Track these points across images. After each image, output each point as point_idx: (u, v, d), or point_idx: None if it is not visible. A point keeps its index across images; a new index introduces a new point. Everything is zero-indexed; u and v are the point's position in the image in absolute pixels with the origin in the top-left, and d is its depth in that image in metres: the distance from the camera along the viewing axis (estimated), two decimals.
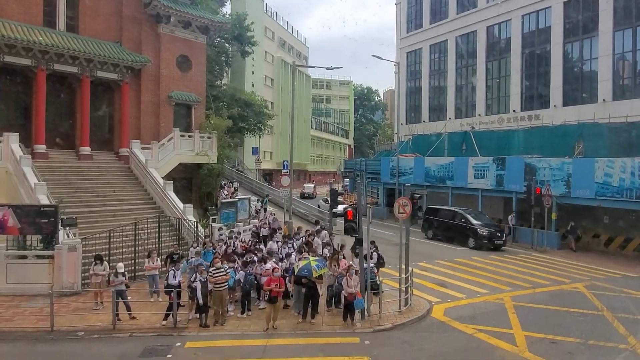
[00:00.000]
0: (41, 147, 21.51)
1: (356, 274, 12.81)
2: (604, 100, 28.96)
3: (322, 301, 13.46)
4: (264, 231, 20.60)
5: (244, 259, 14.18)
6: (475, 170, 29.58)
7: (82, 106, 23.40)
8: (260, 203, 28.23)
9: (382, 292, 13.40)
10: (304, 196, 47.56)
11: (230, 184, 36.24)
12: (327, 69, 33.71)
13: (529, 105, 34.81)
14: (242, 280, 13.26)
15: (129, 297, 13.09)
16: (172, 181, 22.48)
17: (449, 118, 41.25)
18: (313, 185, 60.65)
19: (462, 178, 30.39)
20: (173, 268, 13.02)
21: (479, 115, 38.44)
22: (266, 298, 12.59)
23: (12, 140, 19.38)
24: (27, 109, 22.33)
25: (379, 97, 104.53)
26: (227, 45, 43.34)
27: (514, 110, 35.28)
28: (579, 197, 23.53)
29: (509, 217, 27.38)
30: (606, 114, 27.38)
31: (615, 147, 24.45)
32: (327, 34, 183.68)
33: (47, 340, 11.38)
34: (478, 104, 38.87)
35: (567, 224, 24.76)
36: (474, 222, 25.22)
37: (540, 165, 25.50)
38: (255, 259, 14.08)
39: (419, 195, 15.68)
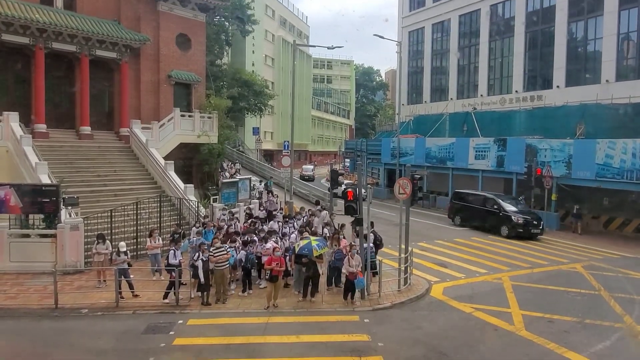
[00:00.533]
0: (41, 127, 21.46)
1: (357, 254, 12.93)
2: (607, 81, 28.72)
3: (322, 280, 13.63)
4: (260, 214, 20.58)
5: (245, 238, 14.29)
6: (476, 151, 29.56)
7: (82, 85, 23.24)
8: (262, 185, 28.10)
9: (381, 271, 13.54)
10: (303, 178, 46.71)
11: (232, 164, 36.26)
12: (328, 48, 33.49)
13: (531, 86, 34.57)
14: (243, 260, 13.39)
15: (131, 276, 13.27)
16: (173, 161, 22.49)
17: (451, 99, 40.99)
18: (313, 166, 58.43)
19: (463, 159, 30.39)
20: (174, 247, 13.13)
21: (481, 95, 38.20)
22: (267, 277, 12.74)
23: (12, 120, 19.32)
24: (26, 89, 22.18)
25: (381, 77, 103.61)
26: (227, 24, 42.85)
27: (516, 91, 35.04)
28: (580, 179, 23.57)
29: (519, 199, 26.19)
30: (609, 95, 27.22)
31: (617, 128, 24.35)
32: (328, 13, 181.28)
33: (52, 317, 11.57)
34: (480, 84, 38.59)
35: (572, 208, 24.68)
36: (508, 208, 23.00)
37: (542, 146, 25.46)
38: (256, 238, 14.19)
39: (419, 176, 15.66)
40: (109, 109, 25.56)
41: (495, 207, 23.47)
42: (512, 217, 22.39)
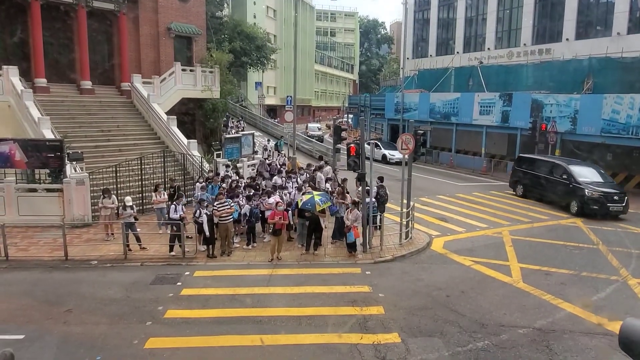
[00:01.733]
0: (42, 81, 21.25)
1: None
2: (618, 33, 27.95)
3: (326, 234, 13.89)
4: (266, 174, 20.22)
5: (248, 193, 14.45)
6: (481, 107, 29.23)
7: (80, 38, 22.79)
8: (274, 144, 27.34)
9: (383, 225, 13.76)
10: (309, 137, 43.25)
11: (239, 122, 35.99)
12: None
13: (540, 39, 33.69)
14: (247, 214, 13.60)
15: (138, 229, 13.55)
16: (175, 117, 22.38)
17: (457, 52, 40.10)
18: (318, 124, 52.20)
19: (467, 114, 30.10)
20: (174, 203, 13.26)
21: (488, 49, 37.33)
22: (270, 231, 12.99)
23: (12, 74, 19.08)
24: (24, 42, 21.77)
25: (386, 30, 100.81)
26: None
27: (525, 44, 34.19)
28: (584, 134, 23.40)
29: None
30: (619, 49, 26.53)
31: (625, 83, 23.94)
32: None
33: (63, 269, 11.93)
34: (488, 37, 37.63)
35: None
36: (581, 179, 18.51)
37: (548, 101, 25.12)
38: (259, 193, 14.36)
39: (422, 132, 15.59)
40: (109, 64, 25.17)
41: (564, 176, 19.15)
42: (586, 190, 17.97)
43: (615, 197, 17.94)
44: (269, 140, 28.17)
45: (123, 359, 7.68)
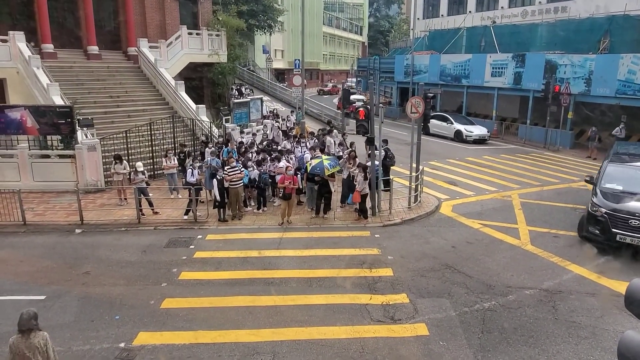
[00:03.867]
0: (49, 47, 21.10)
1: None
2: None
3: (335, 198, 14.01)
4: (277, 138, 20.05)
5: (259, 157, 14.53)
6: (493, 68, 28.62)
7: (85, 2, 22.42)
8: (294, 115, 26.10)
9: (392, 189, 13.82)
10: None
11: (250, 90, 35.52)
12: None
13: None
14: (257, 179, 13.72)
15: (150, 194, 13.77)
16: (183, 81, 22.24)
17: (469, 11, 38.87)
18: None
19: (479, 76, 29.53)
20: (190, 167, 13.46)
21: (502, 7, 36.10)
22: (280, 195, 13.12)
23: (19, 40, 18.95)
24: (29, 7, 21.48)
25: None
26: None
27: (540, 2, 32.99)
28: (599, 96, 22.93)
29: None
30: (639, 6, 25.54)
31: None
32: None
33: (79, 232, 12.23)
34: None
35: (589, 128, 23.96)
36: None
37: (562, 62, 24.51)
38: (271, 157, 14.43)
39: (432, 95, 15.37)
40: (114, 28, 24.86)
41: None
42: None
43: None
44: (292, 112, 26.77)
45: (141, 319, 7.98)
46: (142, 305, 8.43)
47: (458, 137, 26.44)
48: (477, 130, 26.37)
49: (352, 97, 31.86)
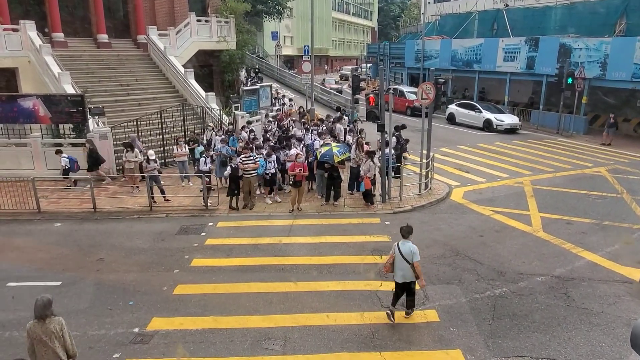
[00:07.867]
0: (59, 36, 21.18)
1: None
2: None
3: (344, 185, 13.99)
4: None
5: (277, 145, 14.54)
6: (505, 53, 28.16)
7: None
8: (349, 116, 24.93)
9: (402, 176, 13.75)
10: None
11: (259, 79, 35.24)
12: None
13: None
14: (272, 171, 13.68)
15: (162, 182, 13.87)
16: (192, 69, 22.22)
17: None
18: (335, 78, 49.77)
19: (491, 61, 29.09)
20: (204, 155, 13.51)
21: None
22: (291, 182, 13.14)
23: (30, 29, 19.02)
24: None
25: None
26: None
27: None
28: (614, 80, 22.48)
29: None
30: None
31: None
32: None
33: (93, 220, 12.40)
34: None
35: (601, 112, 23.43)
36: None
37: (576, 45, 24.02)
38: (282, 146, 14.42)
39: (443, 80, 15.16)
40: (124, 16, 24.85)
41: None
42: None
43: None
44: (343, 112, 24.03)
45: (154, 304, 8.10)
46: (155, 291, 8.55)
47: (488, 126, 25.19)
48: (508, 119, 25.13)
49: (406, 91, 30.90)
